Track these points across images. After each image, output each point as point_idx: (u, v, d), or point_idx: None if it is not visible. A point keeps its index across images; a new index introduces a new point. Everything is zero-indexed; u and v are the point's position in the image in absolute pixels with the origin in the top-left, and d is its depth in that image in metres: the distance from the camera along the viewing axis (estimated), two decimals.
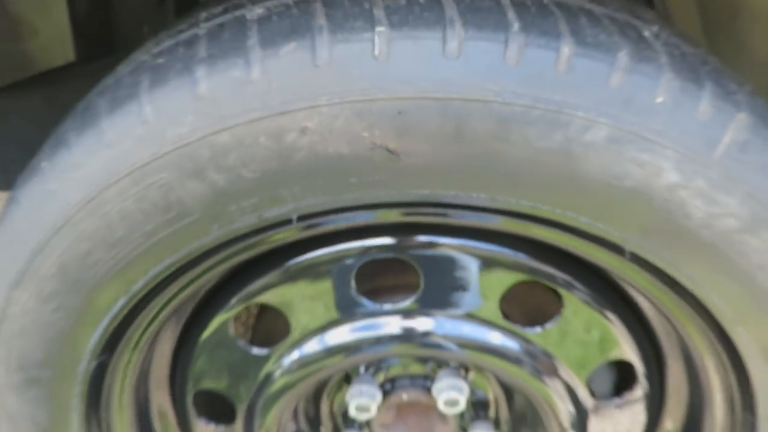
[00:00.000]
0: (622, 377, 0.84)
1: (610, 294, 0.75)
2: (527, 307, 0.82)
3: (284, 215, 0.60)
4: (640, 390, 0.79)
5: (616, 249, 0.62)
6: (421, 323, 0.74)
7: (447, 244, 0.71)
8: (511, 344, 0.75)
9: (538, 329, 0.75)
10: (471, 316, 0.74)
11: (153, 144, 0.57)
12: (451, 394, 0.79)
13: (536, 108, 0.53)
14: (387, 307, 0.74)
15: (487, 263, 0.72)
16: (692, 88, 0.56)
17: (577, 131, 0.54)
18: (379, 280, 0.79)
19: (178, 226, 0.61)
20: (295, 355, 0.76)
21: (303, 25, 0.55)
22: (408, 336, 0.75)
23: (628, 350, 0.78)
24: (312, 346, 0.76)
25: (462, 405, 0.80)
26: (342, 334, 0.75)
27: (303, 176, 0.57)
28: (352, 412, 0.82)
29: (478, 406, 0.89)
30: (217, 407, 0.87)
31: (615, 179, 0.56)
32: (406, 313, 0.74)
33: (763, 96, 1.01)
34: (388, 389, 0.84)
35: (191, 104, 0.56)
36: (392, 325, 0.75)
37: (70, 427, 0.78)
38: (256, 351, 0.78)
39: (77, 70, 1.11)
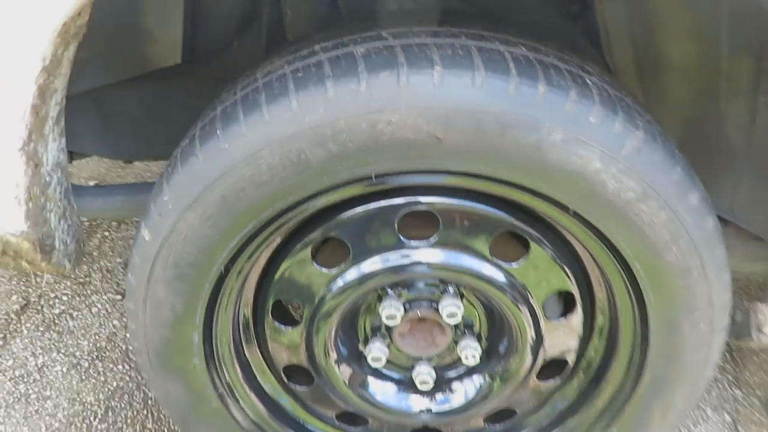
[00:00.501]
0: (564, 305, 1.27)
1: (559, 244, 1.18)
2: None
3: (367, 173, 1.02)
4: (576, 311, 1.23)
5: (564, 208, 1.05)
6: (439, 255, 1.16)
7: (459, 204, 1.13)
8: (497, 274, 1.17)
9: (514, 264, 1.18)
10: (471, 252, 1.16)
11: (296, 124, 0.98)
12: (452, 309, 1.21)
13: (523, 119, 0.96)
14: (416, 243, 1.16)
15: (484, 218, 1.14)
16: (611, 115, 0.99)
17: (545, 135, 0.97)
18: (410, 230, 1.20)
19: (302, 175, 1.01)
20: (353, 274, 1.18)
21: (392, 62, 0.97)
22: (430, 264, 1.16)
23: (570, 283, 1.21)
24: (365, 267, 1.17)
25: (458, 318, 1.22)
26: (386, 261, 1.16)
27: (384, 149, 0.98)
28: (383, 320, 1.23)
29: (467, 327, 1.31)
30: (284, 313, 1.27)
31: (565, 164, 0.99)
32: (429, 248, 1.16)
33: (677, 124, 1.46)
34: (407, 307, 1.25)
35: (322, 102, 0.97)
36: (418, 255, 1.16)
37: (195, 314, 1.17)
38: (325, 270, 1.19)
39: (172, 70, 1.50)
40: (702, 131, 1.46)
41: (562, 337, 1.27)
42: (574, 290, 1.22)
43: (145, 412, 1.97)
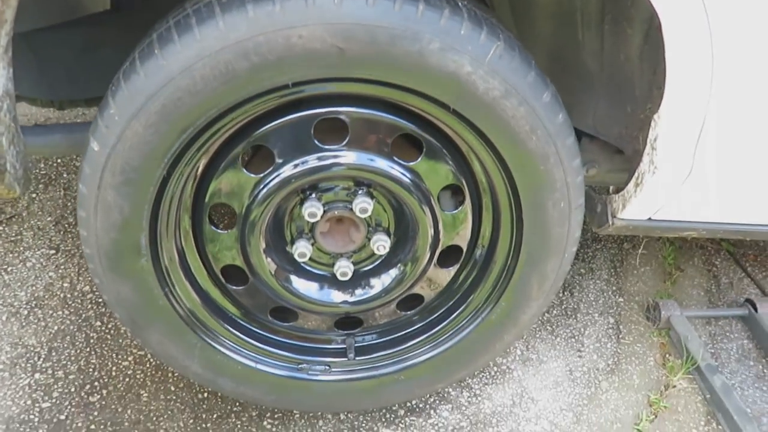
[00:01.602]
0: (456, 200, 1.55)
1: (447, 145, 1.46)
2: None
3: (284, 81, 1.25)
4: (466, 203, 1.51)
5: (445, 107, 1.32)
6: (349, 157, 1.42)
7: (362, 112, 1.39)
8: (397, 171, 1.43)
9: (411, 162, 1.44)
10: (375, 153, 1.42)
11: (223, 40, 1.20)
12: (363, 204, 1.47)
13: (407, 31, 1.22)
14: (330, 145, 1.41)
15: (384, 123, 1.40)
16: (477, 29, 1.26)
17: (426, 44, 1.23)
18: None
19: (230, 84, 1.23)
20: (277, 176, 1.41)
21: None
22: (341, 164, 1.41)
23: (457, 177, 1.49)
24: (287, 170, 1.41)
25: (369, 212, 1.48)
26: (305, 163, 1.41)
27: (297, 59, 1.22)
28: (306, 218, 1.47)
29: (378, 225, 1.57)
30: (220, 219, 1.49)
31: (443, 68, 1.26)
32: (340, 150, 1.41)
33: (545, 56, 1.76)
34: (326, 209, 1.50)
35: (244, 22, 1.19)
36: (333, 156, 1.41)
37: (142, 217, 1.37)
38: (253, 175, 1.42)
39: (102, 16, 1.67)
40: (565, 60, 1.77)
41: (456, 226, 1.55)
42: (462, 183, 1.50)
43: (88, 349, 2.13)
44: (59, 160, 2.82)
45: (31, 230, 2.52)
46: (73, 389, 2.02)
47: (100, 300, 2.28)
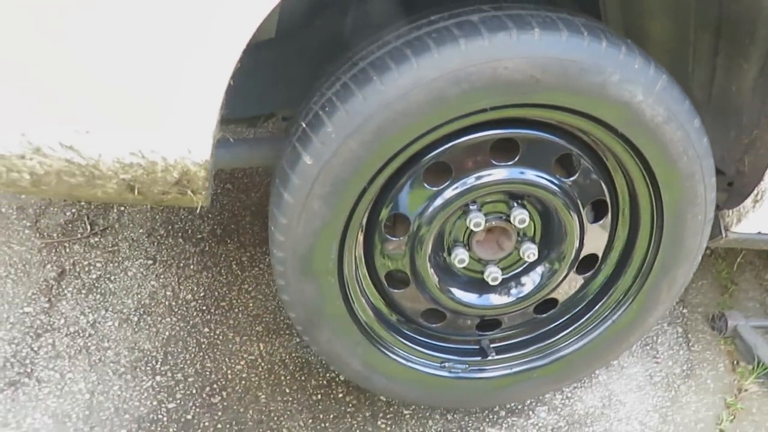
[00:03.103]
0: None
1: (598, 163, 1.68)
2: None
3: (482, 105, 1.46)
4: (608, 215, 1.74)
5: (613, 130, 1.55)
6: (518, 172, 1.63)
7: (533, 133, 1.60)
8: (557, 187, 1.65)
9: (569, 180, 1.66)
10: (541, 170, 1.64)
11: (438, 70, 1.40)
12: (522, 216, 1.68)
13: (594, 65, 1.44)
14: (502, 163, 1.62)
15: (549, 143, 1.62)
16: (648, 63, 1.50)
17: (607, 76, 1.46)
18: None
19: (439, 109, 1.44)
20: (455, 188, 1.62)
21: (503, 26, 1.42)
22: (511, 179, 1.63)
23: (605, 193, 1.72)
24: (465, 183, 1.61)
25: (527, 223, 1.69)
26: (479, 178, 1.62)
27: (499, 87, 1.43)
28: (471, 227, 1.67)
29: (525, 234, 1.78)
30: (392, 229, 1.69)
31: (619, 97, 1.49)
32: (512, 167, 1.62)
33: None
34: (487, 219, 1.70)
35: (457, 54, 1.40)
36: (505, 172, 1.62)
37: (339, 224, 1.55)
38: (431, 187, 1.62)
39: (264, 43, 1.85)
40: None
41: (597, 236, 1.77)
42: (606, 197, 1.72)
43: (201, 354, 2.28)
44: None
45: (126, 241, 2.65)
46: (194, 391, 2.17)
47: (204, 307, 2.43)
